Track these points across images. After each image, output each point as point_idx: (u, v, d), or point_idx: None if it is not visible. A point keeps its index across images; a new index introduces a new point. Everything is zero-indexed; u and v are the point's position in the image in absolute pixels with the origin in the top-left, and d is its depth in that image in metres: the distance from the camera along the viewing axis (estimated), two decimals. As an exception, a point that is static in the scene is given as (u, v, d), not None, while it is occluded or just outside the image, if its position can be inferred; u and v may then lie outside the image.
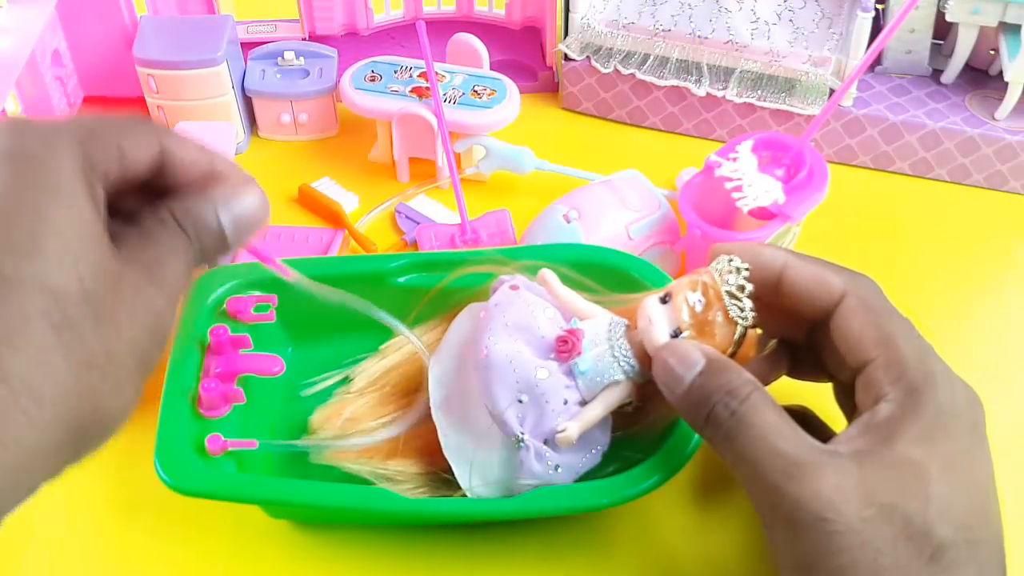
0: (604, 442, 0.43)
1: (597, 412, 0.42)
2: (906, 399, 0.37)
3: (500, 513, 0.44)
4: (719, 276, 0.41)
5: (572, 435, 0.41)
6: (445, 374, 0.46)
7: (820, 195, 0.54)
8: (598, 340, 0.43)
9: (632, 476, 0.42)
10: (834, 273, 0.41)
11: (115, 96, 0.70)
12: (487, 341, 0.43)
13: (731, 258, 0.41)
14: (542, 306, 0.45)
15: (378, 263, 0.52)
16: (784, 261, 0.41)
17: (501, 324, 0.44)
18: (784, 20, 0.67)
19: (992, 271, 0.61)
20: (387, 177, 0.66)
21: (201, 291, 0.49)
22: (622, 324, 0.43)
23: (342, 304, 0.44)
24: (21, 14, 0.62)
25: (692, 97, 0.67)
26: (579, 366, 0.42)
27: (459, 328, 0.47)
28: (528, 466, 0.42)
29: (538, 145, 0.65)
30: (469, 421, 0.44)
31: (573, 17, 0.68)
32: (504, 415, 0.42)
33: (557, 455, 0.42)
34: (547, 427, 0.42)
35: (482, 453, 0.43)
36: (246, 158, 0.68)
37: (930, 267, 0.61)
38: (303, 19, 0.75)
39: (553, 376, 0.42)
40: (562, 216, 0.55)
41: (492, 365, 0.43)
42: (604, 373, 0.42)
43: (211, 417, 0.46)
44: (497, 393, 0.42)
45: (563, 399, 0.42)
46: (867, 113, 0.65)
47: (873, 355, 0.38)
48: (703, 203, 0.55)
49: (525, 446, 0.42)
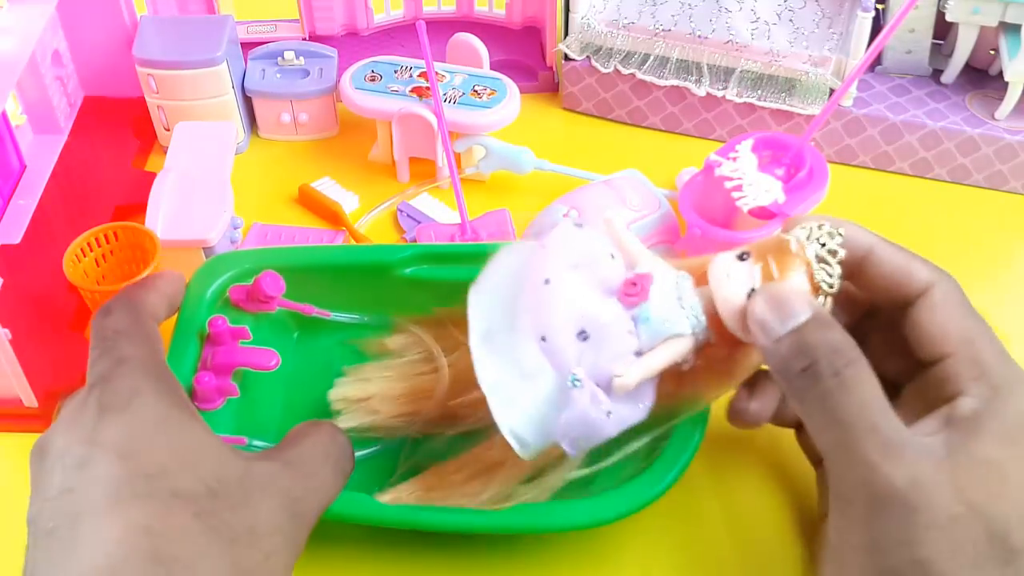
0: (650, 399, 0.40)
1: (659, 362, 0.40)
2: (992, 397, 0.36)
3: (489, 527, 0.42)
4: (808, 239, 0.39)
5: (631, 382, 0.39)
6: (489, 307, 0.42)
7: (820, 195, 0.54)
8: (666, 289, 0.40)
9: (624, 493, 0.41)
10: (922, 264, 0.40)
11: (115, 96, 0.70)
12: (550, 272, 0.41)
13: (821, 223, 0.39)
14: (608, 247, 0.42)
15: (384, 254, 0.52)
16: (871, 243, 0.40)
17: (562, 258, 0.42)
18: (784, 20, 0.67)
19: (992, 271, 0.61)
20: (387, 177, 0.66)
21: (203, 279, 0.49)
22: (689, 278, 0.41)
23: None
24: (21, 14, 0.62)
25: (692, 97, 0.67)
26: (646, 312, 0.40)
27: (506, 261, 0.44)
28: (580, 407, 0.39)
29: (538, 145, 0.65)
30: (515, 356, 0.41)
31: (573, 17, 0.68)
32: (562, 350, 0.40)
33: (611, 401, 0.39)
34: (604, 370, 0.39)
35: (526, 389, 0.40)
36: (246, 158, 0.68)
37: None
38: (303, 19, 0.75)
39: (617, 319, 0.40)
40: (562, 216, 0.55)
41: (555, 296, 0.40)
42: (670, 323, 0.39)
43: (204, 410, 0.46)
44: (557, 326, 0.40)
45: (624, 344, 0.40)
46: (867, 113, 0.65)
47: (954, 350, 0.38)
48: (703, 203, 0.55)
49: (580, 385, 0.39)
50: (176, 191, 0.58)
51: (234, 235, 0.59)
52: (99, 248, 0.54)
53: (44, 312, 0.55)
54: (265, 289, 0.48)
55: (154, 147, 0.69)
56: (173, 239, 0.55)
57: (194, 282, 0.49)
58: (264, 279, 0.48)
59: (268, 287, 0.48)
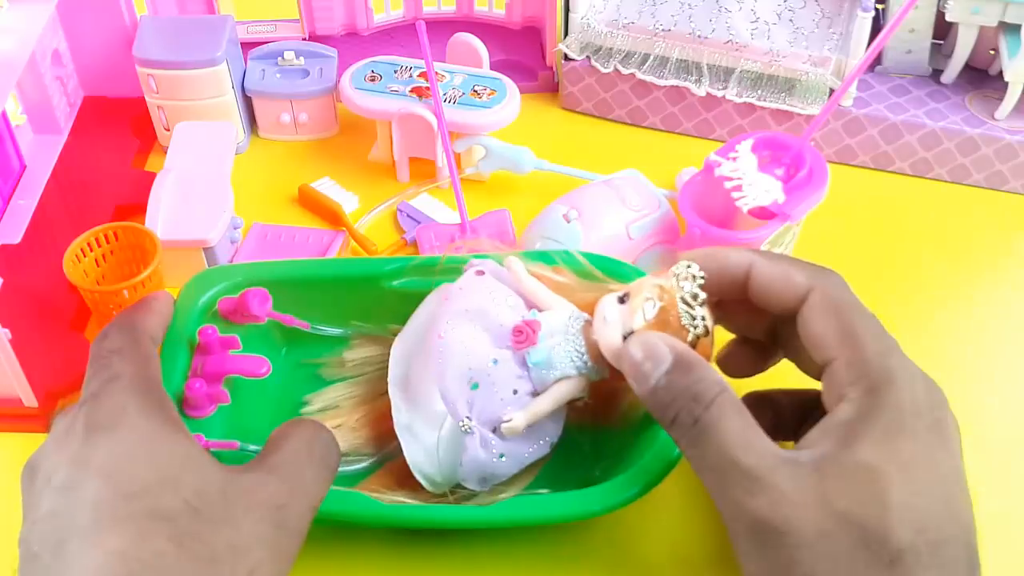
0: (555, 434, 0.44)
1: (545, 405, 0.43)
2: (864, 399, 0.37)
3: (482, 522, 0.44)
4: (676, 281, 0.41)
5: (518, 426, 0.42)
6: (407, 352, 0.46)
7: (820, 195, 0.54)
8: (554, 333, 0.43)
9: (616, 485, 0.42)
10: (799, 270, 0.41)
11: (115, 96, 0.70)
12: (444, 325, 0.44)
13: (689, 264, 0.41)
14: (505, 293, 0.45)
15: (373, 266, 0.52)
16: (750, 261, 0.41)
17: (461, 308, 0.44)
18: (784, 20, 0.67)
19: (992, 271, 0.61)
20: (387, 177, 0.66)
21: (193, 291, 0.49)
22: (581, 319, 0.43)
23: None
24: (21, 14, 0.62)
25: (692, 97, 0.67)
26: (532, 357, 0.43)
27: (424, 310, 0.47)
28: (472, 452, 0.42)
29: (538, 145, 0.65)
30: (422, 401, 0.44)
31: (573, 17, 0.68)
32: (454, 400, 0.43)
33: (503, 443, 0.42)
34: (495, 415, 0.42)
35: (431, 434, 0.43)
36: (246, 158, 0.68)
37: (930, 267, 0.61)
38: (303, 19, 0.75)
39: (505, 365, 0.43)
40: (562, 216, 0.55)
41: (446, 349, 0.43)
42: (556, 366, 0.42)
43: (195, 417, 0.46)
44: (449, 377, 0.43)
45: (513, 388, 0.42)
46: (867, 113, 0.65)
47: (835, 353, 0.38)
48: (703, 203, 0.55)
49: (471, 432, 0.42)
50: (176, 191, 0.58)
51: (234, 235, 0.59)
52: (99, 248, 0.54)
53: (44, 312, 0.55)
54: (251, 307, 0.48)
55: (154, 147, 0.69)
56: (173, 239, 0.55)
57: (184, 294, 0.49)
58: (250, 296, 0.48)
59: (254, 306, 0.48)
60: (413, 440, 0.44)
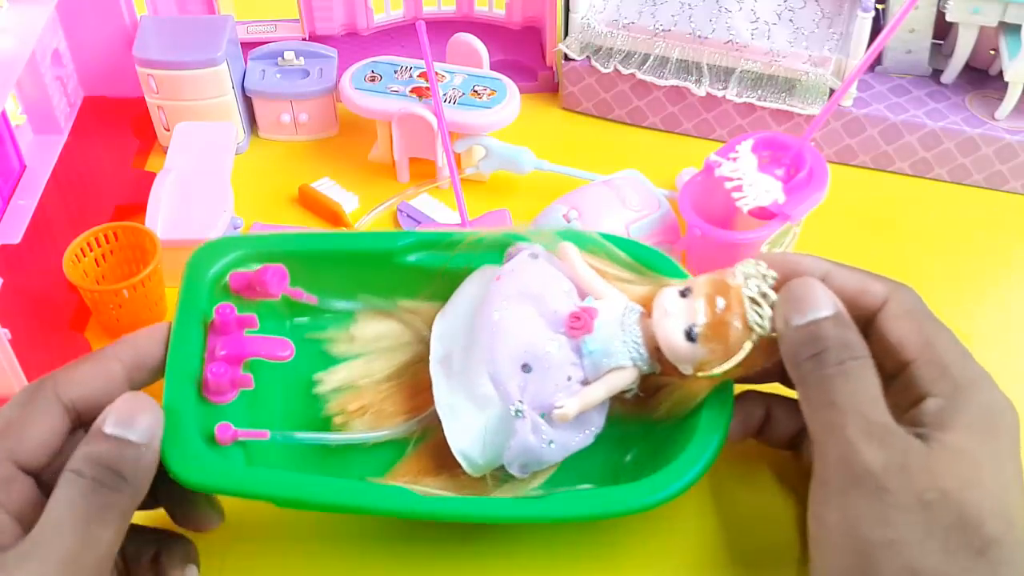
0: (599, 424, 0.43)
1: (599, 394, 0.42)
2: (953, 395, 0.38)
3: (520, 517, 0.42)
4: (744, 279, 0.40)
5: (570, 413, 0.41)
6: (450, 332, 0.45)
7: (820, 195, 0.54)
8: (610, 322, 0.42)
9: (651, 483, 0.41)
10: (876, 280, 0.41)
11: (115, 96, 0.70)
12: (499, 305, 0.43)
13: (759, 263, 0.41)
14: (558, 279, 0.44)
15: (387, 241, 0.50)
16: (827, 269, 0.42)
17: (515, 290, 0.43)
18: (784, 20, 0.67)
19: (992, 271, 0.61)
20: (387, 177, 0.66)
21: (200, 264, 0.46)
22: (637, 311, 0.43)
23: None
24: (21, 14, 0.62)
25: (692, 97, 0.67)
26: (588, 345, 0.42)
27: (469, 290, 0.47)
28: (522, 436, 0.41)
29: (538, 145, 0.65)
30: (467, 382, 0.43)
31: (573, 17, 0.68)
32: (506, 382, 0.42)
33: (552, 430, 0.42)
34: (546, 401, 0.42)
35: (475, 415, 0.43)
36: (246, 158, 0.68)
37: (930, 267, 0.61)
38: (303, 19, 0.75)
39: (561, 350, 0.42)
40: (562, 216, 0.55)
41: (501, 330, 0.42)
42: (611, 356, 0.42)
43: (218, 403, 0.43)
44: (502, 359, 0.42)
45: (567, 375, 0.42)
46: (867, 113, 0.65)
47: (915, 356, 0.39)
48: (703, 203, 0.55)
49: (522, 416, 0.41)
50: (176, 191, 0.58)
51: (234, 235, 0.59)
52: (99, 248, 0.54)
53: (44, 312, 0.55)
54: (270, 286, 0.45)
55: (154, 147, 0.69)
56: (173, 239, 0.55)
57: (192, 265, 0.46)
58: (269, 273, 0.45)
59: (273, 284, 0.45)
60: (455, 420, 0.43)
